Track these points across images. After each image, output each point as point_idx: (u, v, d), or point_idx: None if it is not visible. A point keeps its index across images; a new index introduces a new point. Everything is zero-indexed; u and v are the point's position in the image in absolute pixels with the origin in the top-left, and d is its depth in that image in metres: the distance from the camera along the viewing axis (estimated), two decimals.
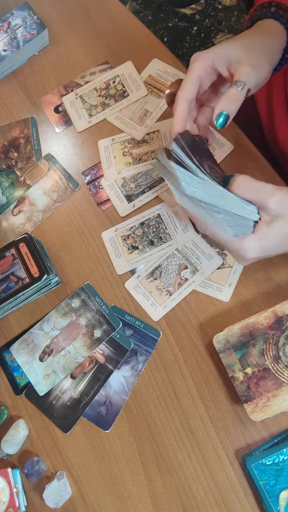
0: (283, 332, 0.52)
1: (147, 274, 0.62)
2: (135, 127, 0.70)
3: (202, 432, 0.55)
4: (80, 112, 0.73)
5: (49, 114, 0.75)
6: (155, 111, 0.70)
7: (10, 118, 0.76)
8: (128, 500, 0.55)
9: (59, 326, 0.62)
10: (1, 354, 0.63)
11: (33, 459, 0.58)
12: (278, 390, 0.51)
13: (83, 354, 0.60)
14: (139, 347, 0.60)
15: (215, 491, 0.53)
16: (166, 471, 0.55)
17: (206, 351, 0.58)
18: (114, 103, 0.72)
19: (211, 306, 0.60)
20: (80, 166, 0.71)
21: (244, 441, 0.54)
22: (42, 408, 0.60)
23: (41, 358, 0.61)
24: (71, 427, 0.58)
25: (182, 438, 0.56)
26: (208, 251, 0.61)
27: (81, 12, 0.80)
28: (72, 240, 0.67)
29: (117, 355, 0.60)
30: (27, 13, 0.79)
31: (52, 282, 0.62)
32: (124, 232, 0.65)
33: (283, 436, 0.53)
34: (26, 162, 0.72)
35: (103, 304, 0.62)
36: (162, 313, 0.60)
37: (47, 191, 0.70)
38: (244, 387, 0.52)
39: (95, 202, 0.68)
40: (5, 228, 0.70)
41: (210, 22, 1.70)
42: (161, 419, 0.57)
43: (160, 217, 0.64)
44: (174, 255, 0.62)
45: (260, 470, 0.50)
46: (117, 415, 0.58)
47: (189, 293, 0.60)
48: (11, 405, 0.61)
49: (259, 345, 0.52)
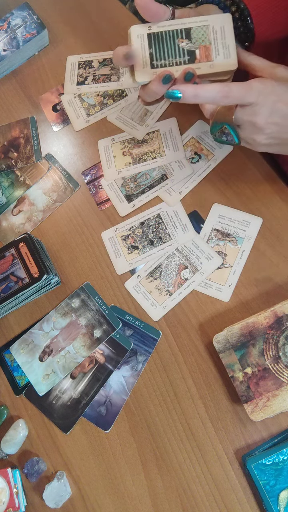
0: (283, 332, 0.52)
1: (147, 274, 0.62)
2: (135, 127, 0.70)
3: (202, 432, 0.55)
4: (79, 111, 0.73)
5: (47, 112, 0.75)
6: (155, 110, 0.70)
7: (10, 118, 0.76)
8: (128, 500, 0.55)
9: (59, 326, 0.62)
10: (1, 354, 0.63)
11: (33, 459, 0.58)
12: (278, 390, 0.51)
13: (83, 354, 0.60)
14: (139, 347, 0.60)
15: (215, 491, 0.53)
16: (166, 471, 0.55)
17: (206, 351, 0.58)
18: (113, 102, 0.72)
19: (211, 306, 0.60)
20: (80, 166, 0.70)
21: (244, 441, 0.54)
22: (42, 408, 0.60)
23: (41, 358, 0.61)
24: (71, 427, 0.58)
25: (182, 438, 0.56)
26: (208, 251, 0.61)
27: (81, 12, 0.80)
28: (72, 240, 0.67)
29: (117, 355, 0.60)
30: (27, 13, 0.79)
31: (52, 282, 0.62)
32: (124, 232, 0.65)
33: (283, 436, 0.53)
34: (26, 162, 0.72)
35: (103, 304, 0.62)
36: (162, 313, 0.60)
37: (47, 191, 0.70)
38: (244, 387, 0.51)
39: (95, 202, 0.68)
40: (4, 228, 0.70)
41: None
42: (161, 419, 0.57)
43: (160, 217, 0.64)
44: (174, 255, 0.62)
45: (260, 470, 0.50)
46: (117, 415, 0.58)
47: (189, 293, 0.60)
48: (11, 405, 0.61)
49: (259, 345, 0.52)
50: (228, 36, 0.50)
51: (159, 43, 0.50)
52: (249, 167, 0.64)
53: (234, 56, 0.50)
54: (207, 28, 0.50)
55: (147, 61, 0.50)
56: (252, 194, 0.63)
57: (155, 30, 0.50)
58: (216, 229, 0.62)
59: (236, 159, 0.65)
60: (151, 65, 0.50)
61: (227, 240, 0.62)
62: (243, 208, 0.62)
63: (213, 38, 0.50)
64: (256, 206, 0.62)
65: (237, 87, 0.46)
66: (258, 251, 0.60)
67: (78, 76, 0.75)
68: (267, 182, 0.63)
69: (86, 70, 0.75)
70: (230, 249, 0.61)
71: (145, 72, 0.50)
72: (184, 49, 0.50)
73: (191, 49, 0.50)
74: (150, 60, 0.50)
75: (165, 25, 0.50)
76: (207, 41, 0.50)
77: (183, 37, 0.50)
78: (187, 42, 0.50)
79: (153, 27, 0.50)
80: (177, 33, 0.50)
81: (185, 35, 0.50)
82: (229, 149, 0.65)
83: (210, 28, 0.50)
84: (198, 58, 0.50)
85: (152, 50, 0.50)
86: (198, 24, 0.50)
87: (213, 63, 0.50)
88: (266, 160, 0.64)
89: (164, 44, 0.50)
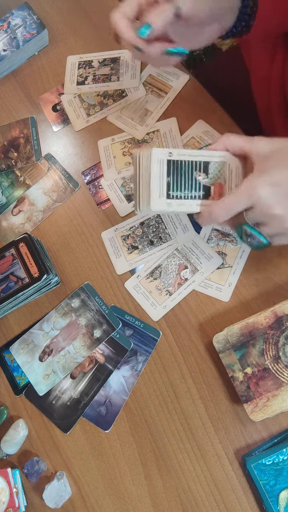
0: (283, 332, 0.52)
1: (147, 274, 0.62)
2: (135, 127, 0.70)
3: (201, 432, 0.55)
4: (78, 111, 0.73)
5: (47, 112, 0.75)
6: (155, 110, 0.70)
7: (10, 118, 0.76)
8: (127, 500, 0.55)
9: (59, 326, 0.62)
10: (1, 354, 0.63)
11: (32, 459, 0.58)
12: (278, 390, 0.51)
13: (83, 354, 0.60)
14: (139, 347, 0.60)
15: (215, 491, 0.53)
16: (166, 471, 0.55)
17: (206, 351, 0.58)
18: (113, 102, 0.72)
19: (211, 306, 0.60)
20: (80, 166, 0.70)
21: (244, 441, 0.54)
22: (42, 408, 0.60)
23: (40, 358, 0.61)
24: (71, 427, 0.58)
25: (181, 438, 0.55)
26: (208, 251, 0.61)
27: (81, 12, 0.80)
28: (72, 240, 0.67)
29: (117, 355, 0.60)
30: (26, 13, 0.79)
31: (51, 282, 0.62)
32: (124, 232, 0.65)
33: (283, 436, 0.53)
34: (25, 162, 0.72)
35: (102, 304, 0.62)
36: (162, 313, 0.60)
37: (47, 191, 0.70)
38: (244, 387, 0.51)
39: (95, 202, 0.68)
40: (4, 228, 0.70)
41: None
42: (160, 419, 0.57)
43: (159, 217, 0.64)
44: (174, 255, 0.62)
45: (260, 470, 0.50)
46: (117, 415, 0.58)
47: (189, 293, 0.60)
48: (11, 405, 0.61)
49: (259, 345, 0.52)
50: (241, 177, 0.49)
51: (178, 173, 0.48)
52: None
53: None
54: (224, 165, 0.49)
55: (164, 190, 0.48)
56: None
57: (176, 158, 0.48)
58: (216, 229, 0.62)
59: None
60: (167, 195, 0.48)
61: (227, 240, 0.62)
62: None
63: (228, 177, 0.49)
64: None
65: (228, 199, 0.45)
66: (258, 251, 0.60)
67: (78, 76, 0.75)
68: None
69: (86, 70, 0.75)
70: (230, 249, 0.61)
71: (160, 202, 0.48)
72: (200, 184, 0.49)
73: (207, 184, 0.49)
74: (167, 189, 0.48)
75: (185, 154, 0.49)
76: (222, 179, 0.49)
77: (201, 170, 0.49)
78: (204, 176, 0.49)
79: (173, 154, 0.49)
80: (196, 165, 0.49)
81: (203, 168, 0.49)
82: None
83: (227, 166, 0.49)
84: (212, 195, 0.49)
85: (170, 179, 0.48)
86: (216, 160, 0.49)
87: None
88: None
89: (183, 175, 0.49)
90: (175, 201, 0.49)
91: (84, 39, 0.78)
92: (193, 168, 0.49)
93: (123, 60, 0.74)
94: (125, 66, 0.74)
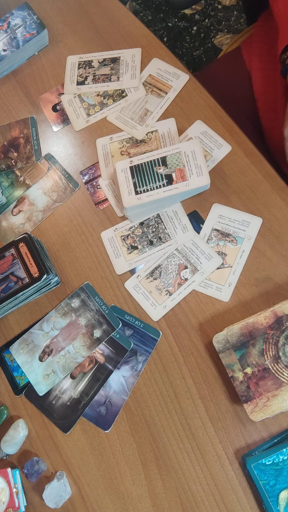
0: (283, 332, 0.52)
1: (147, 274, 0.62)
2: (135, 127, 0.70)
3: (201, 432, 0.55)
4: (78, 111, 0.73)
5: (47, 112, 0.75)
6: (155, 110, 0.70)
7: (10, 118, 0.76)
8: (127, 500, 0.55)
9: (59, 326, 0.62)
10: (1, 354, 0.63)
11: (32, 459, 0.58)
12: (278, 390, 0.51)
13: (82, 354, 0.60)
14: (139, 347, 0.60)
15: (215, 491, 0.53)
16: (166, 471, 0.55)
17: (206, 351, 0.58)
18: (112, 102, 0.72)
19: (211, 306, 0.60)
20: (80, 166, 0.70)
21: (244, 441, 0.54)
22: (42, 408, 0.60)
23: (40, 358, 0.61)
24: (71, 427, 0.58)
25: (181, 438, 0.56)
26: (208, 251, 0.61)
27: (81, 12, 0.80)
28: (71, 240, 0.67)
29: (116, 355, 0.60)
30: (26, 13, 0.79)
31: (51, 282, 0.62)
32: (124, 232, 0.65)
33: (283, 436, 0.53)
34: (25, 162, 0.72)
35: (102, 304, 0.62)
36: (162, 313, 0.60)
37: (47, 191, 0.70)
38: (243, 387, 0.51)
39: (93, 201, 0.68)
40: (4, 228, 0.70)
41: (210, 22, 1.70)
42: (160, 419, 0.57)
43: (159, 217, 0.64)
44: (174, 255, 0.62)
45: (259, 470, 0.50)
46: (117, 415, 0.58)
47: (189, 293, 0.60)
48: (11, 405, 0.61)
49: (259, 345, 0.52)
50: (199, 157, 0.59)
51: (140, 173, 0.60)
52: (249, 167, 0.64)
53: (206, 173, 0.58)
54: (179, 154, 0.59)
55: (132, 189, 0.59)
56: (252, 194, 0.63)
57: (136, 163, 0.60)
58: (216, 229, 0.62)
59: (236, 159, 0.65)
60: (135, 192, 0.59)
61: (227, 240, 0.62)
62: (243, 208, 0.62)
63: (186, 161, 0.59)
64: (256, 206, 0.62)
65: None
66: (258, 251, 0.60)
67: (78, 76, 0.75)
68: (267, 182, 0.63)
69: (86, 70, 0.75)
70: (230, 249, 0.61)
71: (130, 199, 0.59)
72: (162, 174, 0.59)
73: (168, 173, 0.59)
74: (135, 187, 0.59)
75: (143, 158, 0.60)
76: (181, 164, 0.59)
77: (160, 164, 0.59)
78: (164, 168, 0.59)
79: (134, 161, 0.60)
80: (155, 162, 0.60)
81: (162, 162, 0.60)
82: (227, 149, 0.65)
83: (182, 154, 0.59)
84: (175, 180, 0.59)
85: (135, 179, 0.60)
86: (171, 152, 0.59)
87: (189, 181, 0.58)
88: (266, 160, 0.64)
89: (145, 173, 0.59)
90: (144, 194, 0.59)
91: (84, 39, 0.78)
92: (153, 165, 0.60)
93: (123, 60, 0.74)
94: (125, 66, 0.74)
